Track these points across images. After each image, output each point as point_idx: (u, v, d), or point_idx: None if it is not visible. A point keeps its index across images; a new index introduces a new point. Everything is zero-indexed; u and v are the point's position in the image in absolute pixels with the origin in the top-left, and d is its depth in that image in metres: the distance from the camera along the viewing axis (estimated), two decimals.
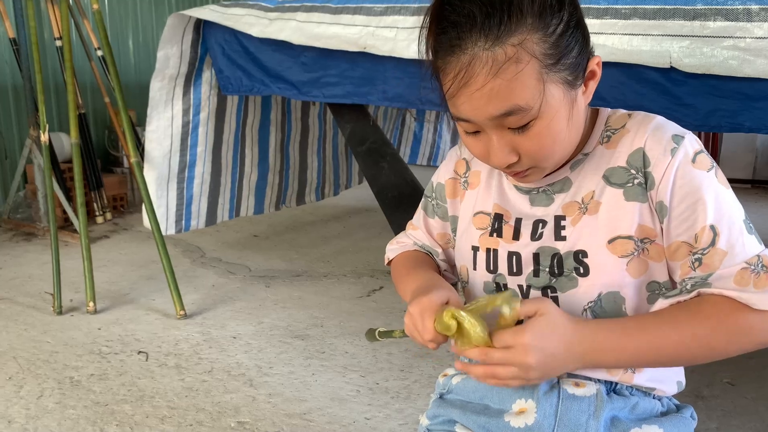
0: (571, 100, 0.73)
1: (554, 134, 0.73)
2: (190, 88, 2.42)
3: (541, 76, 0.70)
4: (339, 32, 1.91)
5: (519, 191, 0.85)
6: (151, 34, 4.57)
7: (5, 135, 3.69)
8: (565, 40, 0.71)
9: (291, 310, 2.42)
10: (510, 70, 0.68)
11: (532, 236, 0.81)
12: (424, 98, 1.93)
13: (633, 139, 0.77)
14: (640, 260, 0.76)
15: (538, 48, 0.69)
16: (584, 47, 0.74)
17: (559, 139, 0.74)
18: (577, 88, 0.74)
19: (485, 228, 0.86)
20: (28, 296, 2.55)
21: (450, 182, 0.94)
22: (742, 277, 0.70)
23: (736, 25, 1.45)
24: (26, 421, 1.66)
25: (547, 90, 0.70)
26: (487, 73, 0.69)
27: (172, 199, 2.48)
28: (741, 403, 1.77)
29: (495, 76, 0.69)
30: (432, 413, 0.92)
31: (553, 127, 0.72)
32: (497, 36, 0.68)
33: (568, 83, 0.72)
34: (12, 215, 3.62)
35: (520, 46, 0.68)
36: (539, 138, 0.73)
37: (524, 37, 0.68)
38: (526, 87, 0.69)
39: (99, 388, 1.83)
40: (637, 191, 0.75)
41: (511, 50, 0.68)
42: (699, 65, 1.48)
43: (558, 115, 0.72)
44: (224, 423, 1.66)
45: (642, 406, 0.81)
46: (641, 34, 1.54)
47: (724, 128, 1.56)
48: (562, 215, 0.80)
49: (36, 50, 2.44)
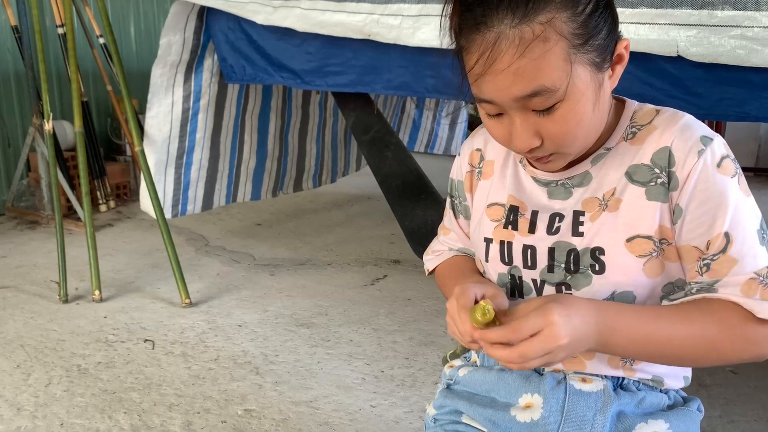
0: (598, 83, 0.71)
1: (579, 118, 0.71)
2: (191, 75, 2.41)
3: (568, 56, 0.67)
4: (343, 20, 1.90)
5: (537, 183, 0.83)
6: (153, 21, 4.55)
7: (8, 123, 3.68)
8: (594, 20, 0.69)
9: (296, 299, 2.43)
10: (537, 49, 0.66)
11: (549, 230, 0.80)
12: (428, 87, 1.92)
13: (660, 137, 0.74)
14: (657, 261, 0.75)
15: (567, 27, 0.67)
16: (613, 29, 0.72)
17: (584, 123, 0.72)
18: (604, 71, 0.72)
19: (499, 220, 0.85)
20: (34, 284, 2.56)
21: (468, 176, 0.92)
22: (750, 287, 0.69)
23: (744, 15, 1.44)
24: (35, 408, 1.67)
25: (574, 71, 0.68)
26: (513, 52, 0.67)
27: (169, 183, 2.49)
28: (744, 391, 1.78)
29: (522, 56, 0.66)
30: (439, 403, 0.92)
31: (578, 111, 0.70)
32: (525, 13, 0.66)
33: (596, 65, 0.70)
34: (15, 203, 3.63)
35: (548, 25, 0.66)
36: (564, 121, 0.71)
37: (552, 15, 0.66)
38: (553, 67, 0.67)
39: (106, 376, 1.84)
40: (660, 191, 0.74)
41: (538, 28, 0.66)
42: (706, 54, 1.47)
43: (584, 98, 0.70)
44: (231, 411, 1.67)
45: (648, 401, 0.81)
46: (648, 23, 1.53)
47: (731, 117, 1.56)
48: (581, 210, 0.78)
49: (39, 39, 2.43)
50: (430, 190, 2.19)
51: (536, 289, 0.81)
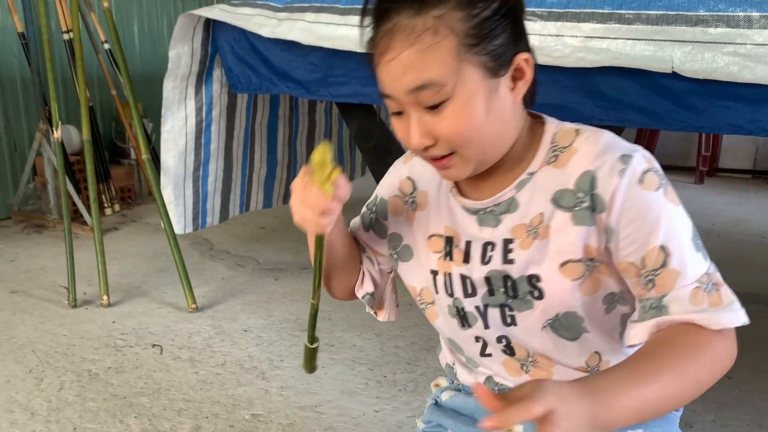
0: (491, 88, 0.72)
1: (469, 118, 0.72)
2: (201, 87, 2.45)
3: (458, 53, 0.70)
4: (347, 33, 1.94)
5: (467, 211, 0.83)
6: (156, 26, 4.59)
7: (14, 128, 3.73)
8: (489, 24, 0.71)
9: (299, 303, 2.48)
10: (426, 40, 0.70)
11: (482, 259, 0.81)
12: None
13: (582, 160, 0.75)
14: (591, 279, 0.76)
15: (460, 25, 0.70)
16: (513, 40, 0.73)
17: (476, 125, 0.73)
18: (499, 77, 0.73)
19: (440, 251, 0.86)
20: (43, 289, 2.61)
21: (393, 200, 0.92)
22: (696, 296, 0.70)
23: (737, 32, 1.49)
24: (48, 413, 1.72)
25: (463, 69, 0.70)
26: (404, 41, 0.70)
27: (188, 197, 2.53)
28: (737, 395, 1.83)
29: (411, 45, 0.70)
30: (427, 418, 0.98)
31: (468, 111, 0.72)
32: (421, 7, 0.70)
33: (489, 69, 0.72)
34: (22, 207, 3.68)
35: (441, 19, 0.70)
36: (453, 120, 0.72)
37: (446, 12, 0.70)
38: (440, 61, 0.70)
39: (117, 381, 1.89)
40: (586, 215, 0.74)
41: (430, 21, 0.70)
42: (700, 70, 1.52)
43: (474, 99, 0.72)
44: (239, 415, 1.72)
45: None
46: (644, 39, 1.58)
47: (725, 130, 1.60)
48: (510, 238, 0.79)
49: (48, 48, 2.47)
50: None
51: (480, 315, 0.82)
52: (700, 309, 0.70)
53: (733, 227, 3.60)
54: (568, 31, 1.65)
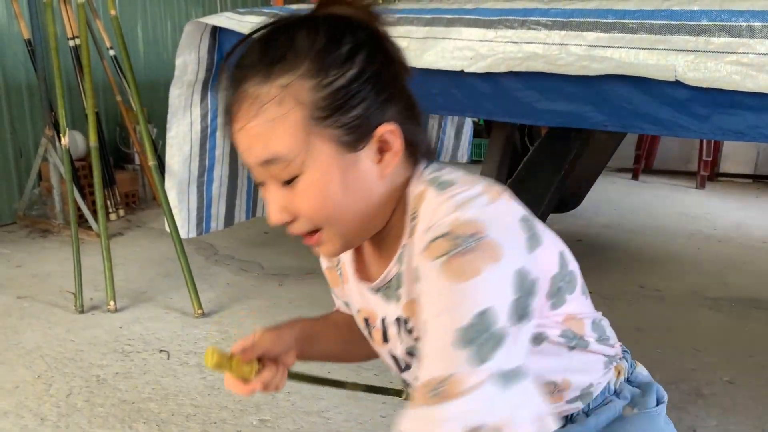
0: (348, 163, 0.67)
1: (324, 195, 0.67)
2: (207, 93, 2.48)
3: (306, 126, 0.65)
4: None
5: (371, 292, 0.80)
6: (161, 32, 4.62)
7: (20, 134, 3.75)
8: (344, 94, 0.65)
9: (304, 309, 2.50)
10: (271, 111, 0.65)
11: (399, 337, 0.78)
12: (436, 105, 1.99)
13: (420, 234, 0.67)
14: None
15: (308, 96, 0.65)
16: (375, 110, 0.68)
17: (332, 202, 0.68)
18: (357, 151, 0.67)
19: (365, 328, 0.85)
20: (49, 294, 2.63)
21: (328, 272, 0.92)
22: (423, 392, 0.62)
23: (740, 41, 1.51)
24: (58, 418, 1.74)
25: (313, 143, 0.66)
26: (249, 111, 0.66)
27: (192, 202, 2.55)
28: (740, 401, 1.84)
29: (256, 115, 0.66)
30: None
31: (320, 188, 0.67)
32: (267, 74, 0.65)
33: (344, 144, 0.66)
34: (27, 212, 3.70)
35: (287, 89, 0.65)
36: (306, 197, 0.67)
37: (293, 80, 0.65)
38: (287, 134, 0.65)
39: (125, 387, 1.91)
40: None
41: (276, 90, 0.65)
42: (703, 79, 1.54)
43: (327, 176, 0.67)
44: (246, 421, 1.74)
45: (604, 417, 0.81)
46: (647, 48, 1.60)
47: (728, 137, 1.63)
48: (405, 317, 0.75)
49: (56, 56, 2.50)
50: None
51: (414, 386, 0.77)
52: (415, 405, 0.63)
53: (735, 232, 3.61)
54: (572, 39, 1.67)
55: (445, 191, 0.67)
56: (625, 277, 2.86)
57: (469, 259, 0.60)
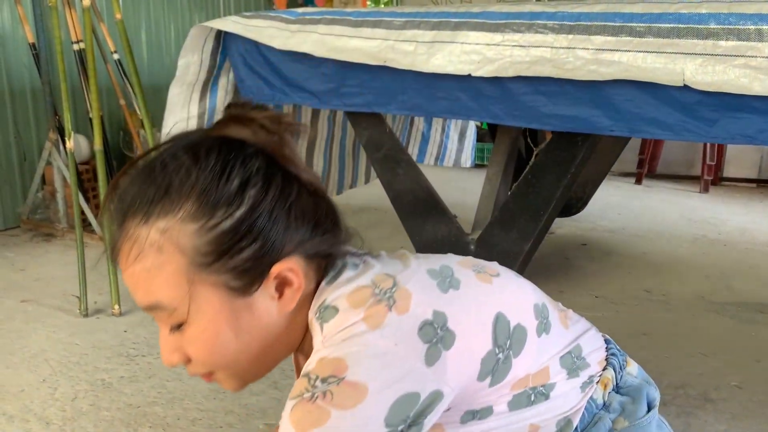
0: (239, 308, 0.63)
1: (213, 344, 0.63)
2: (206, 94, 2.48)
3: (188, 274, 0.61)
4: (359, 45, 1.96)
5: None
6: (164, 36, 4.63)
7: (24, 137, 3.76)
8: (232, 237, 0.60)
9: None
10: (150, 258, 0.60)
11: None
12: (441, 108, 1.98)
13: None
14: None
15: (190, 241, 0.60)
16: (268, 249, 0.62)
17: (223, 350, 0.63)
18: (250, 295, 0.63)
19: None
20: (53, 298, 2.63)
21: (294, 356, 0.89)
22: None
23: (748, 45, 1.51)
24: (63, 422, 1.73)
25: (197, 292, 0.61)
26: (129, 254, 0.62)
27: None
28: (749, 406, 1.83)
29: (136, 261, 0.61)
30: None
31: (209, 337, 0.63)
32: (146, 215, 0.60)
33: (233, 289, 0.62)
34: (31, 216, 3.70)
35: (166, 234, 0.60)
36: (195, 345, 0.64)
37: (173, 225, 0.60)
38: (167, 283, 0.61)
39: (130, 390, 1.90)
40: None
41: (155, 235, 0.60)
42: (711, 83, 1.54)
43: (215, 324, 0.62)
44: (253, 425, 1.73)
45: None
46: (655, 51, 1.60)
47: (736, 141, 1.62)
48: None
49: (61, 59, 2.50)
50: (440, 206, 2.26)
51: None
52: None
53: (740, 236, 3.60)
54: (579, 43, 1.67)
55: (327, 323, 0.62)
56: (630, 281, 2.86)
57: (317, 406, 0.56)
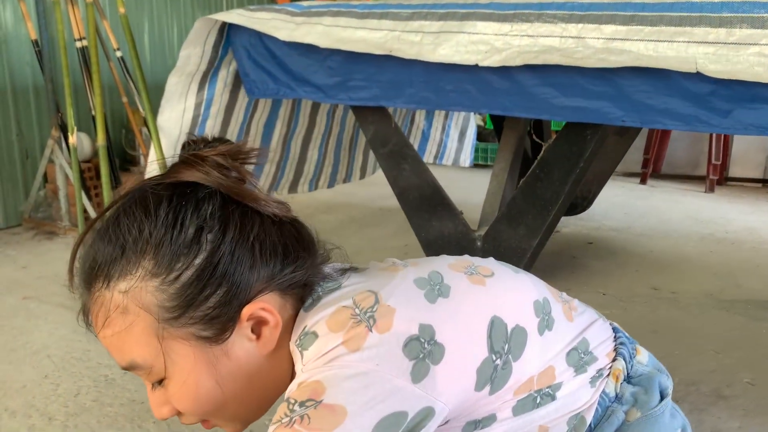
0: (214, 356, 0.62)
1: (196, 395, 0.62)
2: (205, 85, 2.46)
3: (156, 332, 0.60)
4: (365, 36, 1.94)
5: None
6: (167, 34, 4.62)
7: (26, 135, 3.74)
8: (194, 289, 0.59)
9: None
10: (117, 321, 0.60)
11: None
12: (450, 101, 1.96)
13: None
14: None
15: (152, 299, 0.59)
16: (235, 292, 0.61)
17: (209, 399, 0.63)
18: (223, 342, 0.62)
19: None
20: (56, 295, 2.60)
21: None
22: None
23: (762, 33, 1.48)
24: (66, 418, 1.71)
25: (169, 347, 0.60)
26: (98, 318, 0.62)
27: None
28: (763, 402, 1.80)
29: (105, 326, 0.62)
30: None
31: (191, 389, 0.62)
32: (108, 278, 0.60)
33: (206, 339, 0.61)
34: (33, 214, 3.67)
35: (128, 295, 0.59)
36: (179, 399, 0.63)
37: (134, 284, 0.59)
38: (138, 343, 0.61)
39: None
40: None
41: (118, 298, 0.60)
42: (725, 71, 1.51)
43: (194, 376, 0.62)
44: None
45: (608, 430, 0.75)
46: (667, 40, 1.57)
47: (749, 131, 1.60)
48: None
49: (64, 55, 2.48)
50: (445, 202, 2.23)
51: None
52: None
53: (747, 236, 3.58)
54: (589, 32, 1.64)
55: (307, 350, 0.61)
56: (638, 279, 2.83)
57: (294, 430, 0.55)
